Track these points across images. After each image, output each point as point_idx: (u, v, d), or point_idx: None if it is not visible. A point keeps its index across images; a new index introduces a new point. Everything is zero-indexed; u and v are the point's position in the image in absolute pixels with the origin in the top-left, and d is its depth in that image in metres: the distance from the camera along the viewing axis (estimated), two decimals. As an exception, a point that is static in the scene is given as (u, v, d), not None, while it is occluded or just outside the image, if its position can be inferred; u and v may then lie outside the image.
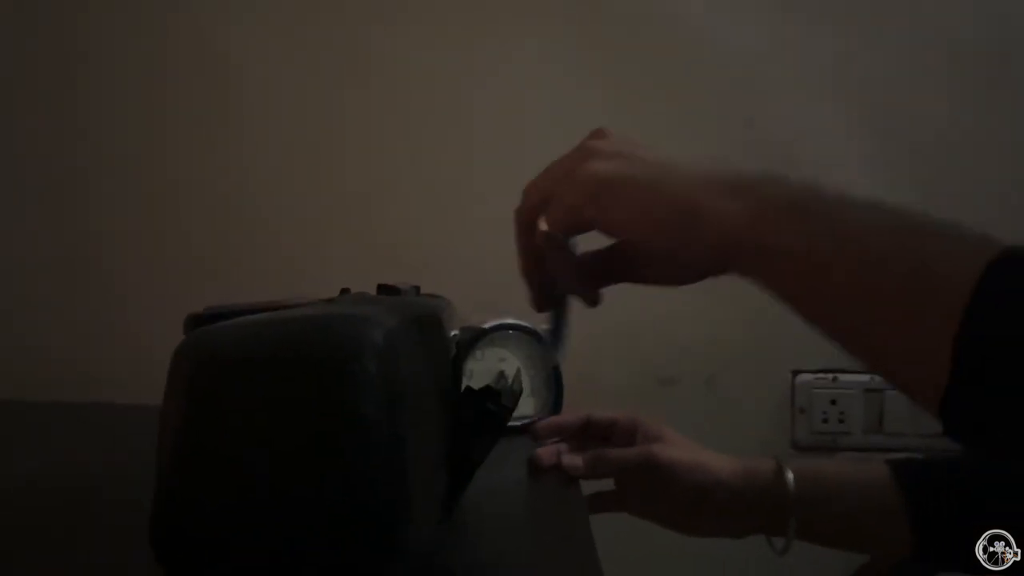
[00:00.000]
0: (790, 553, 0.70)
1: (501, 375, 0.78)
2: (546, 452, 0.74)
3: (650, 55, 1.17)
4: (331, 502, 0.41)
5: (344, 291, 0.60)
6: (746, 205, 0.41)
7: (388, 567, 0.43)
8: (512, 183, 1.15)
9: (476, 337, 0.87)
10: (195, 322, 0.48)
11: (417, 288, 0.61)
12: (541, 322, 0.54)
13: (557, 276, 0.52)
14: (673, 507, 0.74)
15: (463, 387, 0.58)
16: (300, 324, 0.43)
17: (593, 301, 0.52)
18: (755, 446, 0.77)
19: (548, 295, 0.54)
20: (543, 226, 0.48)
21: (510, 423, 0.82)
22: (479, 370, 0.90)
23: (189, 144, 1.15)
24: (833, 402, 1.09)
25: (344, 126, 1.16)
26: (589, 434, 0.78)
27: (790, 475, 0.70)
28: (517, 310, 0.87)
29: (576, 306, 0.55)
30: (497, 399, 0.56)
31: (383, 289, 0.58)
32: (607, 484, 0.77)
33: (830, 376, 1.10)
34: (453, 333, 0.62)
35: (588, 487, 0.76)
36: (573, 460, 0.72)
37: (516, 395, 0.60)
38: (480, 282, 0.65)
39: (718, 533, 0.74)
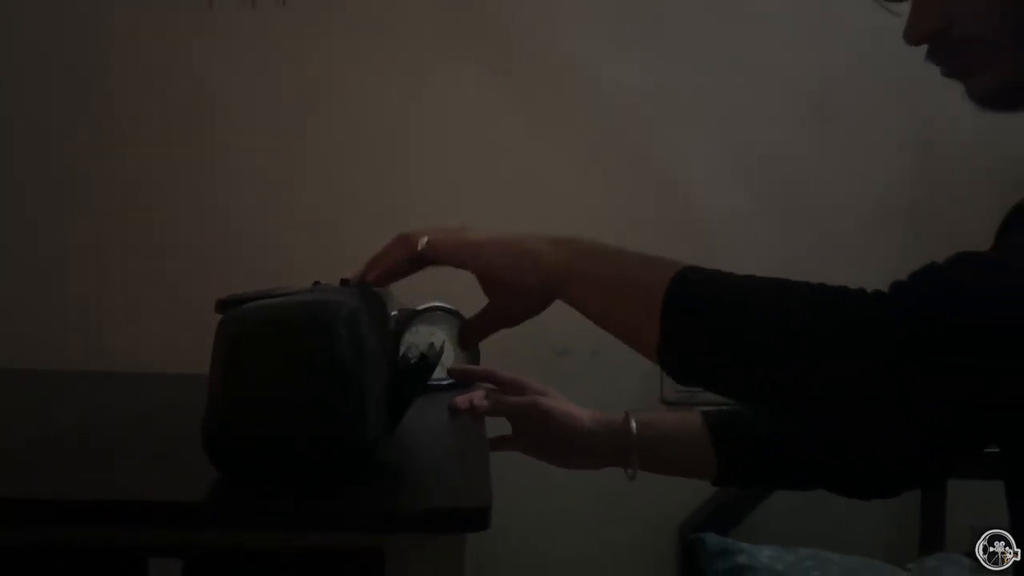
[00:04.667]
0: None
1: (431, 345, 1.06)
2: (462, 399, 1.01)
3: (554, 93, 1.44)
4: (318, 413, 0.69)
5: (316, 283, 0.86)
6: (561, 251, 0.70)
7: (349, 456, 0.71)
8: (440, 197, 1.41)
9: (412, 316, 1.13)
10: (224, 304, 0.74)
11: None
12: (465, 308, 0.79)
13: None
14: (550, 445, 0.99)
15: (403, 351, 0.85)
16: (300, 304, 0.71)
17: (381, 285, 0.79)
18: (631, 402, 1.01)
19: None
20: (420, 245, 0.74)
21: (439, 382, 1.09)
22: (414, 341, 1.17)
23: (185, 165, 1.40)
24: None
25: (311, 154, 1.41)
26: (493, 388, 1.05)
27: (634, 423, 0.95)
28: (444, 296, 1.14)
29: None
30: (426, 360, 0.84)
31: (343, 282, 0.84)
32: (506, 430, 1.04)
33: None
34: (393, 312, 0.88)
35: (492, 431, 1.02)
36: (481, 401, 0.99)
37: (439, 357, 0.88)
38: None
39: (583, 465, 0.99)
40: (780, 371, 0.59)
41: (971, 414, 0.60)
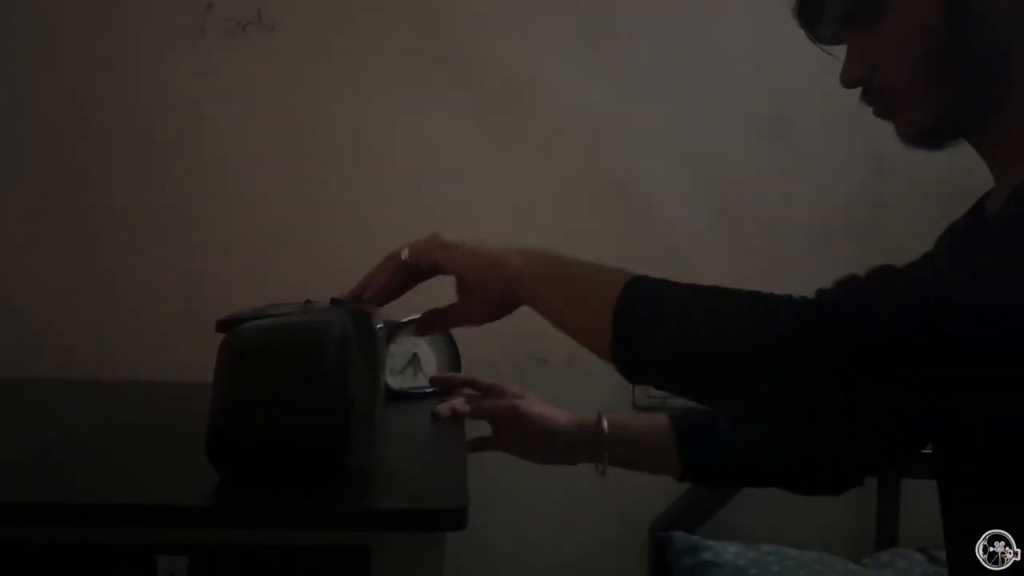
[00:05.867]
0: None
1: (415, 356, 1.12)
2: (444, 406, 1.07)
3: (524, 116, 1.51)
4: (311, 421, 0.76)
5: (307, 301, 0.93)
6: (523, 259, 0.77)
7: (336, 459, 0.78)
8: (417, 213, 1.49)
9: (396, 328, 1.19)
10: (225, 324, 0.81)
11: (355, 299, 0.94)
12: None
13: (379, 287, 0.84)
14: (528, 445, 1.05)
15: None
16: (295, 325, 0.78)
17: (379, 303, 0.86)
18: (604, 407, 1.08)
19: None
20: (404, 256, 0.82)
21: (423, 390, 1.16)
22: (397, 351, 1.25)
23: (177, 185, 1.47)
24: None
25: (297, 172, 1.48)
26: (473, 393, 1.12)
27: (605, 424, 1.01)
28: (426, 309, 1.21)
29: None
30: None
31: (333, 301, 0.91)
32: (487, 432, 1.10)
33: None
34: (379, 326, 0.96)
35: (471, 433, 1.09)
36: (462, 406, 1.06)
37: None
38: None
39: (559, 462, 1.06)
40: (720, 371, 0.66)
41: (907, 419, 0.68)
